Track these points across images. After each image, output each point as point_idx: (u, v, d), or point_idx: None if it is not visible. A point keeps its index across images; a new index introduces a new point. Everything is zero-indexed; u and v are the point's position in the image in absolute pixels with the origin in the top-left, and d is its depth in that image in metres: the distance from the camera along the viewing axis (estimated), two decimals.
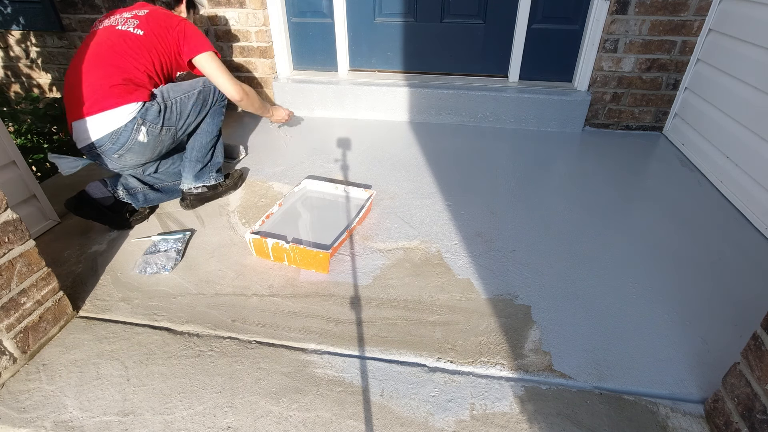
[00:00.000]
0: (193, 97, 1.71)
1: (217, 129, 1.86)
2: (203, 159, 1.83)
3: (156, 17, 1.68)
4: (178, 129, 1.71)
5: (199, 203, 1.88)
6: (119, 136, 1.56)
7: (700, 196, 1.97)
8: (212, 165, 1.88)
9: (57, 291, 1.28)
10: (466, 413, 1.08)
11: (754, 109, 1.82)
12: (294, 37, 2.79)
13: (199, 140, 1.81)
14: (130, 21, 1.64)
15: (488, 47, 2.64)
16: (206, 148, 1.83)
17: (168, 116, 1.65)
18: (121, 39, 1.60)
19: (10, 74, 3.01)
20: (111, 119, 1.54)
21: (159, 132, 1.64)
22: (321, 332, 1.29)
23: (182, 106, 1.69)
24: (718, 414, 1.02)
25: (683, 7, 2.19)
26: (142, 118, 1.58)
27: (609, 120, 2.57)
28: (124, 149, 1.60)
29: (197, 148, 1.81)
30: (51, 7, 2.60)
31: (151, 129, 1.61)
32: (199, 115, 1.77)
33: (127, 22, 1.64)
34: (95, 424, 1.05)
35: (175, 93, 1.68)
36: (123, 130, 1.56)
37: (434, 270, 1.53)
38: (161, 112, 1.62)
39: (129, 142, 1.59)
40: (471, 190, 2.00)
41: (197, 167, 1.83)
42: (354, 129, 2.64)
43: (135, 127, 1.57)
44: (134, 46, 1.61)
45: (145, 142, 1.62)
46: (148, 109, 1.59)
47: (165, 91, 1.66)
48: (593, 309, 1.37)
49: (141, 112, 1.57)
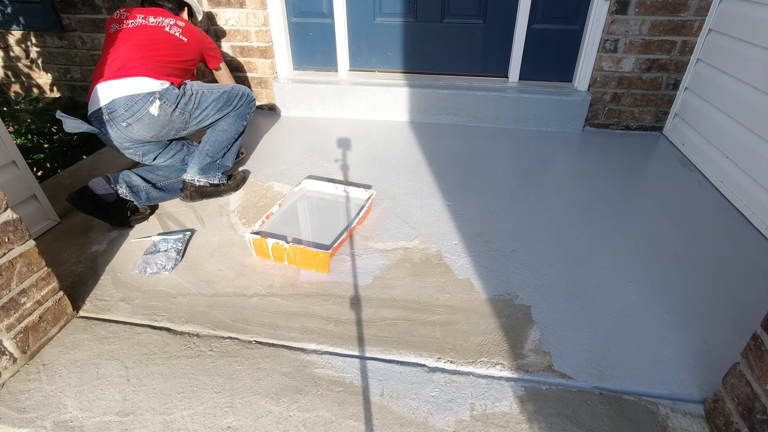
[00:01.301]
0: (216, 94, 1.84)
1: (236, 132, 1.93)
2: (214, 155, 1.87)
3: (191, 29, 1.92)
4: (192, 117, 1.79)
5: (198, 196, 1.89)
6: (134, 103, 1.64)
7: (700, 196, 1.97)
8: (220, 165, 1.92)
9: (57, 291, 1.28)
10: (466, 413, 1.08)
11: (754, 109, 1.82)
12: (294, 37, 2.79)
13: (216, 136, 1.88)
14: (175, 27, 1.84)
15: (488, 47, 2.64)
16: (220, 145, 1.88)
17: (185, 102, 1.76)
18: (169, 40, 1.80)
19: (10, 74, 3.01)
20: (133, 85, 1.64)
21: (172, 112, 1.72)
22: (321, 332, 1.29)
23: (203, 98, 1.81)
24: (718, 414, 1.02)
25: (683, 7, 2.19)
26: (161, 94, 1.68)
27: (609, 120, 2.57)
28: (134, 118, 1.65)
29: (211, 142, 1.87)
30: (51, 7, 2.60)
31: (164, 106, 1.69)
32: (220, 111, 1.86)
33: (172, 27, 1.84)
34: (95, 424, 1.05)
35: (200, 86, 1.83)
36: (139, 99, 1.64)
37: (434, 270, 1.53)
38: (180, 96, 1.74)
39: (140, 111, 1.65)
40: (471, 190, 2.00)
41: (206, 160, 1.86)
42: (354, 129, 2.64)
43: (151, 99, 1.65)
44: (177, 50, 1.81)
45: (155, 116, 1.68)
46: (169, 89, 1.71)
47: (192, 84, 1.82)
48: (593, 309, 1.37)
49: (162, 90, 1.68)
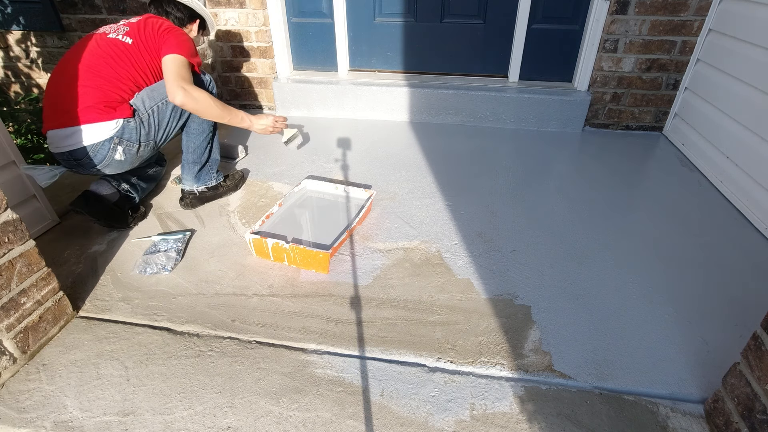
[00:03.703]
0: (171, 103, 1.61)
1: (209, 127, 1.80)
2: (200, 160, 1.82)
3: (147, 22, 1.61)
4: (158, 141, 1.67)
5: (198, 203, 1.88)
6: (96, 152, 1.53)
7: (700, 196, 1.97)
8: (210, 164, 1.88)
9: (57, 291, 1.28)
10: (466, 413, 1.08)
11: (754, 109, 1.82)
12: (294, 37, 2.79)
13: (193, 141, 1.78)
14: (121, 28, 1.59)
15: (488, 47, 2.64)
16: (201, 148, 1.80)
17: (146, 132, 1.60)
18: (108, 47, 1.55)
19: (10, 74, 3.01)
20: (88, 134, 1.50)
21: (137, 150, 1.61)
22: (321, 332, 1.29)
23: (160, 115, 1.62)
24: (718, 414, 1.02)
25: (683, 7, 2.19)
26: (119, 138, 1.54)
27: (609, 120, 2.57)
28: (103, 164, 1.57)
29: (192, 150, 1.79)
30: (51, 7, 2.60)
31: (128, 148, 1.58)
32: (181, 118, 1.70)
33: (118, 29, 1.59)
34: (95, 424, 1.05)
35: (153, 101, 1.60)
36: (100, 148, 1.52)
37: (434, 270, 1.53)
38: (138, 129, 1.57)
39: (106, 158, 1.56)
40: (471, 190, 2.00)
41: (195, 169, 1.82)
42: (354, 129, 2.64)
43: (112, 146, 1.53)
44: (121, 55, 1.55)
45: (123, 160, 1.59)
46: (124, 127, 1.54)
47: (142, 99, 1.59)
48: (593, 309, 1.37)
49: (118, 131, 1.53)
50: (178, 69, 1.57)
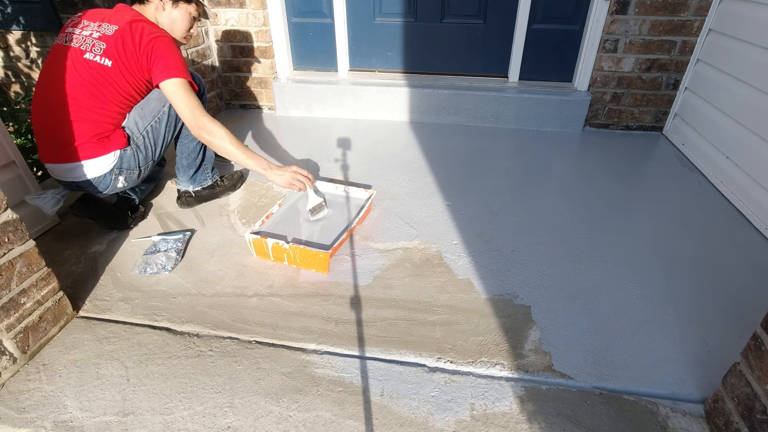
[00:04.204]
0: (164, 117, 1.60)
1: None
2: (194, 163, 1.83)
3: (124, 37, 1.46)
4: (156, 157, 1.70)
5: (195, 202, 1.89)
6: (99, 183, 1.57)
7: (700, 196, 1.97)
8: (205, 165, 1.88)
9: (57, 291, 1.28)
10: (466, 413, 1.08)
11: (754, 109, 1.82)
12: (294, 37, 2.79)
13: (186, 146, 1.78)
14: (98, 45, 1.45)
15: (488, 47, 2.64)
16: (195, 151, 1.81)
17: (144, 156, 1.62)
18: (89, 73, 1.45)
19: (10, 74, 3.01)
20: (88, 169, 1.52)
21: (138, 175, 1.66)
22: (321, 332, 1.29)
23: (155, 134, 1.62)
24: (718, 414, 1.02)
25: (683, 7, 2.19)
26: (119, 168, 1.58)
27: (609, 120, 2.57)
28: (108, 191, 1.62)
29: (185, 154, 1.80)
30: (51, 7, 2.60)
31: (128, 176, 1.62)
32: (176, 127, 1.70)
33: (94, 46, 1.45)
34: (95, 424, 1.05)
35: (145, 120, 1.57)
36: (102, 180, 1.57)
37: (434, 270, 1.53)
38: (135, 155, 1.59)
39: (110, 188, 1.61)
40: (471, 190, 2.00)
41: (190, 172, 1.84)
42: (354, 129, 2.64)
43: (113, 177, 1.58)
44: (102, 81, 1.46)
45: (126, 185, 1.65)
46: (122, 157, 1.56)
47: (135, 121, 1.56)
48: (593, 309, 1.37)
49: (117, 162, 1.56)
50: (187, 102, 1.50)
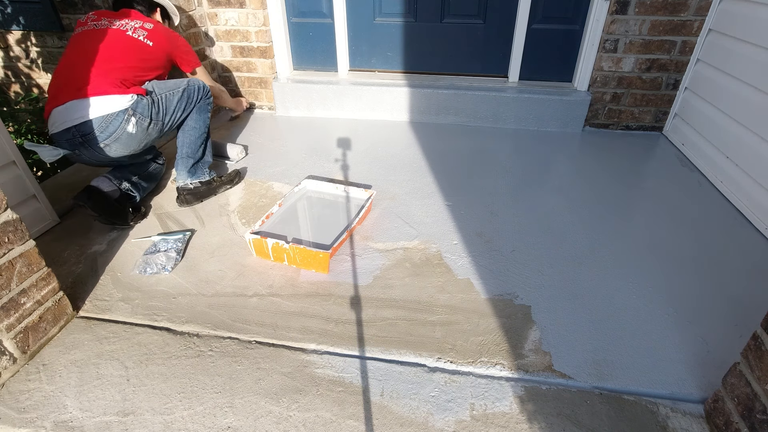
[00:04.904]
0: (178, 94, 1.79)
1: (204, 126, 1.91)
2: (194, 155, 1.88)
3: (159, 32, 1.81)
4: (165, 124, 1.77)
5: (193, 199, 1.90)
6: (109, 123, 1.59)
7: (700, 196, 1.97)
8: (204, 162, 1.93)
9: (57, 291, 1.28)
10: (466, 413, 1.08)
11: (754, 109, 1.82)
12: (294, 37, 2.79)
13: (189, 136, 1.87)
14: (139, 31, 1.75)
15: (488, 47, 2.63)
16: (196, 144, 1.88)
17: (157, 111, 1.72)
18: (130, 46, 1.71)
19: (10, 74, 3.01)
20: (105, 104, 1.58)
21: (147, 126, 1.69)
22: (321, 332, 1.29)
23: (168, 102, 1.76)
24: (718, 414, 1.02)
25: (683, 7, 2.19)
26: (133, 110, 1.63)
27: (609, 120, 2.57)
28: (112, 138, 1.62)
29: (187, 144, 1.87)
30: (51, 7, 2.60)
31: (140, 121, 1.66)
32: (185, 111, 1.83)
33: (136, 30, 1.74)
34: (95, 424, 1.05)
35: (161, 89, 1.76)
36: (114, 118, 1.59)
37: (434, 270, 1.53)
38: (150, 106, 1.69)
39: (118, 131, 1.61)
40: (471, 190, 2.00)
41: (189, 163, 1.88)
42: (354, 129, 2.64)
43: (126, 117, 1.61)
44: (141, 54, 1.73)
45: (134, 134, 1.66)
46: (139, 102, 1.65)
47: (153, 86, 1.75)
48: (593, 309, 1.37)
49: (133, 104, 1.63)
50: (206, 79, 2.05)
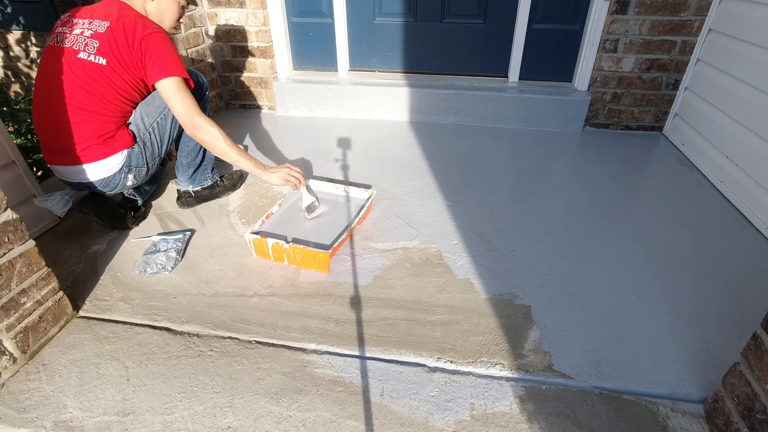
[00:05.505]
0: (170, 114, 1.59)
1: None
2: (194, 162, 1.82)
3: (116, 34, 1.42)
4: (163, 153, 1.70)
5: (195, 202, 1.89)
6: (108, 183, 1.58)
7: (700, 196, 1.97)
8: (205, 165, 1.88)
9: (57, 291, 1.28)
10: (466, 413, 1.08)
11: (754, 109, 1.82)
12: (294, 37, 2.79)
13: (186, 144, 1.78)
14: (90, 43, 1.42)
15: (488, 47, 2.63)
16: (195, 150, 1.80)
17: (151, 152, 1.63)
18: (85, 74, 1.42)
19: (10, 74, 3.01)
20: (96, 171, 1.52)
21: (146, 172, 1.67)
22: (321, 332, 1.29)
23: (161, 130, 1.62)
24: (718, 414, 1.02)
25: (683, 7, 2.19)
26: (128, 167, 1.58)
27: (609, 120, 2.57)
28: (117, 189, 1.62)
29: (185, 153, 1.79)
30: (51, 7, 2.60)
31: (137, 173, 1.63)
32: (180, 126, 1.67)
33: (87, 45, 1.42)
34: (95, 424, 1.05)
35: (150, 117, 1.57)
36: (111, 180, 1.57)
37: (434, 270, 1.53)
38: (143, 152, 1.60)
39: (119, 186, 1.61)
40: (471, 190, 2.00)
41: (190, 171, 1.83)
42: (354, 129, 2.64)
43: (123, 175, 1.58)
44: (100, 81, 1.43)
45: (136, 182, 1.66)
46: (130, 156, 1.56)
47: (141, 117, 1.56)
48: (593, 309, 1.37)
49: (125, 161, 1.56)
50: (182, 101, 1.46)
